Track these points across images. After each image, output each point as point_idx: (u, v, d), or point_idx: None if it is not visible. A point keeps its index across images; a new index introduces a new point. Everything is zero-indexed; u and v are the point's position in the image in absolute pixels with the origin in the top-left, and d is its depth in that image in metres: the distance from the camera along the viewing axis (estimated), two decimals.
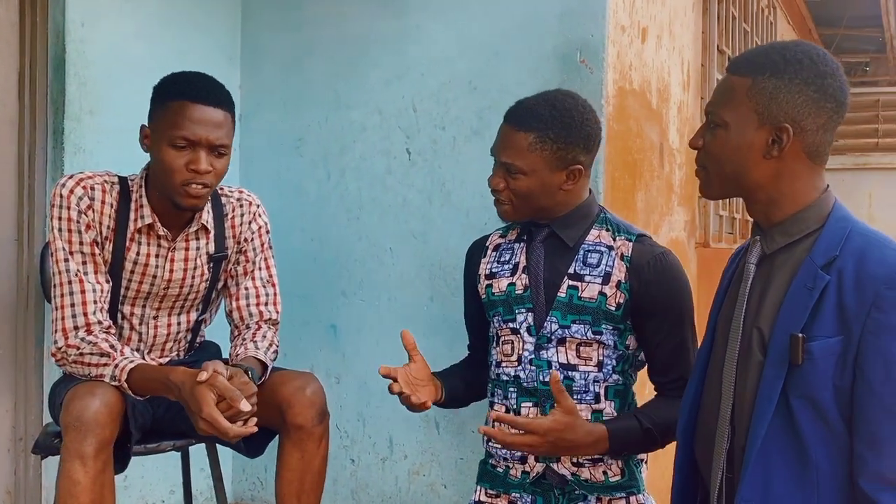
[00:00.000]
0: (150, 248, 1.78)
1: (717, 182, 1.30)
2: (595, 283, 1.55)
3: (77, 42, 2.40)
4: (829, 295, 1.17)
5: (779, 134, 1.22)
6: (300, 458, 1.74)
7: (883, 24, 6.26)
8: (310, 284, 2.82)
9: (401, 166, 2.69)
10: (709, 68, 3.32)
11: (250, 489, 3.01)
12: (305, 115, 2.86)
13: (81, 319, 1.68)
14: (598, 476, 1.56)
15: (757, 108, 1.23)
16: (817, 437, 1.16)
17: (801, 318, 1.18)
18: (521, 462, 1.59)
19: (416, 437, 2.67)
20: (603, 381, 1.56)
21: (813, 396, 1.16)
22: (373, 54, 2.72)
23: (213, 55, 2.85)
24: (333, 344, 2.82)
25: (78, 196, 1.71)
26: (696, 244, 3.24)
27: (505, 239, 1.70)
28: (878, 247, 1.17)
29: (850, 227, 1.21)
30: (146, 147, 1.74)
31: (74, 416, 1.55)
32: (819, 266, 1.19)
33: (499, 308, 1.63)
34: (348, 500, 2.80)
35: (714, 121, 1.27)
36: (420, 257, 2.67)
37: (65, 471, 1.55)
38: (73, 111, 2.41)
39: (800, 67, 1.22)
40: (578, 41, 2.35)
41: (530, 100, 1.60)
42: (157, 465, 2.64)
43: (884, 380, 1.12)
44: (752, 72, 1.24)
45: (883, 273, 1.13)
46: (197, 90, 1.68)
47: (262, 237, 1.91)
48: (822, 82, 1.22)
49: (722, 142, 1.26)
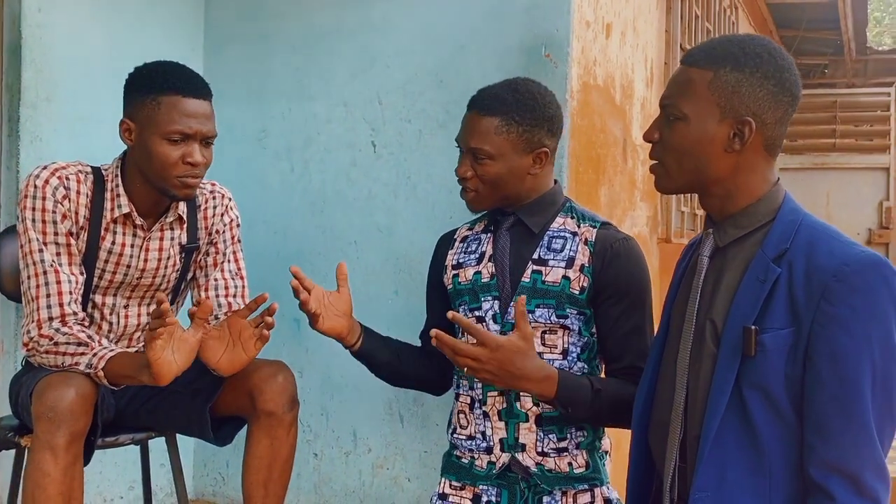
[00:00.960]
0: (125, 238, 1.78)
1: (676, 176, 1.28)
2: (559, 267, 1.56)
3: (33, 27, 2.34)
4: (780, 287, 1.18)
5: (741, 127, 1.23)
6: (269, 445, 1.73)
7: (841, 27, 6.41)
8: (273, 278, 2.77)
9: (366, 159, 2.67)
10: (672, 66, 3.36)
11: (211, 484, 2.98)
12: (269, 106, 2.83)
13: (56, 310, 1.67)
14: (562, 467, 1.56)
15: (719, 102, 1.22)
16: (769, 427, 1.18)
17: (754, 310, 1.19)
18: (487, 452, 1.58)
19: (380, 431, 2.67)
20: (567, 370, 1.56)
21: (765, 387, 1.18)
22: (338, 46, 2.70)
23: (175, 44, 2.80)
24: (296, 338, 2.79)
25: (53, 186, 1.70)
26: (658, 239, 3.28)
27: (472, 231, 1.71)
28: (827, 239, 1.19)
29: (800, 219, 1.23)
30: (129, 140, 1.73)
31: (48, 406, 1.53)
32: (770, 258, 1.20)
33: (465, 297, 1.63)
34: (311, 494, 2.79)
35: (673, 113, 1.26)
36: (385, 251, 2.66)
37: (34, 461, 1.53)
38: (29, 98, 2.35)
39: (760, 61, 1.23)
40: (544, 35, 2.37)
41: (493, 86, 1.63)
42: (115, 460, 2.59)
43: (831, 370, 1.14)
44: (712, 64, 1.23)
45: (831, 265, 1.15)
46: (186, 84, 1.70)
47: (233, 230, 1.94)
48: (780, 76, 1.23)
49: (681, 135, 1.25)
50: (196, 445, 2.96)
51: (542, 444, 1.55)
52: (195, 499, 2.98)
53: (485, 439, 1.58)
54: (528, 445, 1.55)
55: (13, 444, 1.77)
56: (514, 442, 1.56)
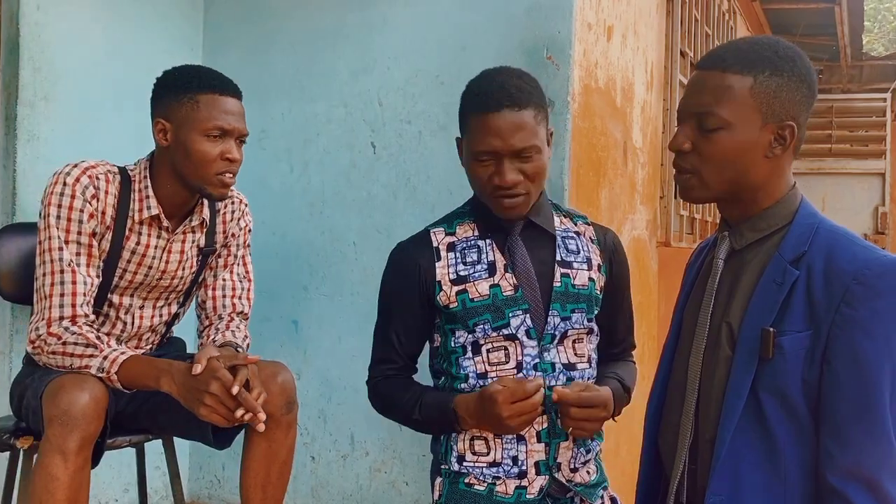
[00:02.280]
0: (150, 239, 1.79)
1: (714, 185, 1.24)
2: (583, 269, 1.52)
3: (32, 25, 2.32)
4: (799, 290, 1.17)
5: (781, 132, 1.21)
6: (267, 447, 1.73)
7: (837, 33, 6.43)
8: (272, 279, 2.78)
9: (365, 160, 2.66)
10: (671, 70, 3.36)
11: (207, 487, 2.96)
12: (269, 107, 2.82)
13: (69, 310, 1.65)
14: (585, 478, 1.51)
15: (760, 107, 1.20)
16: (785, 430, 1.17)
17: (771, 313, 1.18)
18: (519, 478, 1.43)
19: (378, 435, 2.65)
20: (592, 379, 1.52)
21: (782, 390, 1.17)
22: (338, 46, 2.69)
23: (174, 44, 2.78)
24: (295, 340, 2.78)
25: (84, 185, 1.69)
26: (658, 243, 3.27)
27: (456, 237, 1.52)
28: (847, 243, 1.19)
29: (817, 223, 1.22)
30: (164, 141, 1.73)
31: (62, 410, 1.51)
32: (788, 261, 1.19)
33: (484, 315, 1.45)
34: (308, 498, 2.77)
35: (712, 122, 1.21)
36: (384, 252, 2.61)
37: (43, 465, 1.51)
38: (26, 97, 2.33)
39: (794, 65, 1.22)
40: (545, 37, 2.36)
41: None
42: (110, 463, 2.57)
43: (851, 374, 1.13)
44: (750, 69, 1.21)
45: (852, 268, 1.14)
46: (222, 83, 1.74)
47: (245, 235, 1.97)
48: (811, 79, 1.23)
49: (724, 144, 1.21)
50: (192, 449, 2.94)
51: (574, 460, 1.48)
52: (191, 502, 2.95)
53: (516, 464, 1.45)
54: (563, 464, 1.47)
55: (8, 446, 1.74)
56: (553, 461, 1.46)
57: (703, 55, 1.31)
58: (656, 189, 3.27)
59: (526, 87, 1.47)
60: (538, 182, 1.45)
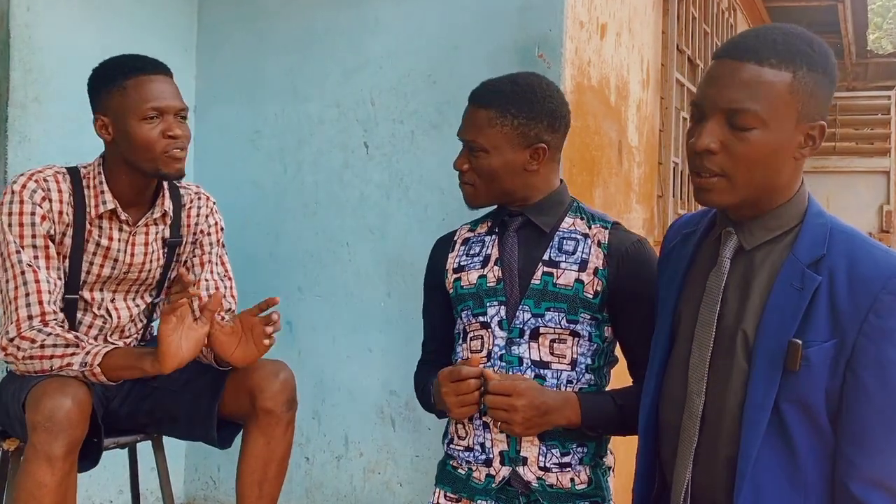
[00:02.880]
0: (112, 233, 1.79)
1: (743, 188, 1.15)
2: (571, 270, 1.50)
3: (22, 27, 2.33)
4: (821, 297, 1.12)
5: (813, 132, 1.14)
6: (266, 444, 1.74)
7: (840, 30, 6.40)
8: (265, 280, 2.78)
9: (358, 160, 2.66)
10: (669, 68, 3.34)
11: (203, 488, 2.96)
12: (262, 107, 2.82)
13: (36, 308, 1.65)
14: (564, 483, 1.49)
15: (798, 106, 1.11)
16: (807, 440, 1.14)
17: (794, 321, 1.13)
18: (486, 465, 1.51)
19: (372, 435, 2.64)
20: (576, 382, 1.50)
21: (805, 401, 1.13)
22: (330, 47, 2.69)
23: (167, 45, 2.78)
24: (289, 341, 2.77)
25: (31, 190, 1.70)
26: (655, 242, 3.25)
27: (474, 233, 1.64)
28: (867, 248, 1.13)
29: (829, 223, 1.17)
30: (107, 135, 1.75)
31: (46, 416, 1.51)
32: (805, 265, 1.14)
33: (468, 302, 1.56)
34: (303, 499, 2.76)
35: (747, 122, 1.11)
36: (377, 253, 2.64)
37: (29, 472, 1.51)
38: (17, 98, 2.33)
39: (828, 61, 1.14)
40: (537, 36, 2.35)
41: (494, 79, 1.59)
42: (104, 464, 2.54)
43: (879, 384, 1.09)
44: (788, 64, 1.12)
45: (879, 276, 1.09)
46: (146, 64, 1.74)
47: (217, 233, 1.96)
48: (835, 76, 1.17)
49: (758, 144, 1.11)
50: (188, 450, 2.94)
51: (544, 458, 1.48)
52: (187, 502, 2.96)
53: (484, 451, 1.51)
54: (530, 459, 1.48)
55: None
56: (516, 455, 1.49)
57: (727, 43, 1.19)
58: (654, 188, 3.25)
59: (505, 91, 1.54)
60: (484, 179, 1.54)
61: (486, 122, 1.51)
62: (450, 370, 1.46)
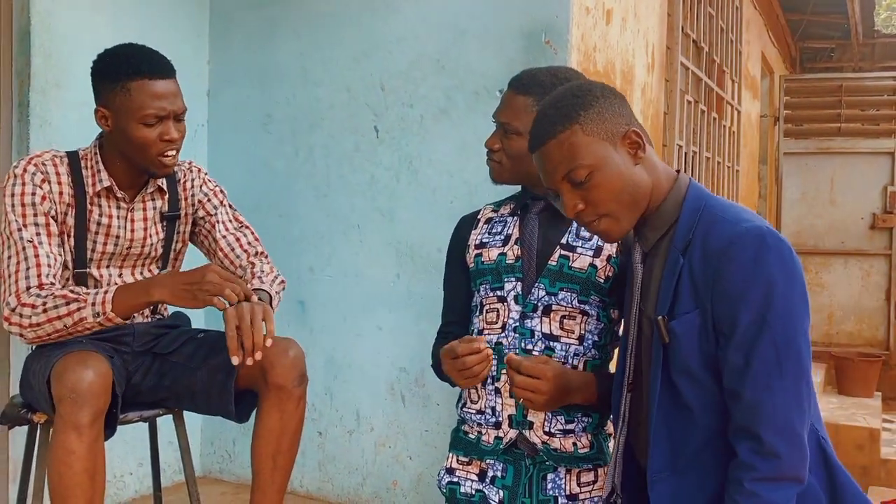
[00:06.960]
0: (111, 210, 1.85)
1: (625, 216, 1.34)
2: (587, 255, 1.61)
3: (42, 14, 2.38)
4: (684, 275, 1.28)
5: (629, 140, 1.32)
6: (279, 418, 1.80)
7: (847, 11, 6.38)
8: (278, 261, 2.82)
9: (368, 144, 2.71)
10: (674, 51, 3.37)
11: (218, 462, 3.05)
12: (274, 91, 2.87)
13: (35, 280, 1.71)
14: (567, 447, 1.59)
15: (601, 136, 1.31)
16: (698, 401, 1.29)
17: (666, 300, 1.30)
18: (495, 428, 1.62)
19: (383, 410, 2.72)
20: (582, 356, 1.60)
21: (686, 368, 1.28)
22: (341, 32, 2.74)
23: (181, 30, 2.83)
24: (301, 320, 2.85)
25: (31, 172, 1.77)
26: None
27: (497, 213, 1.73)
28: (717, 221, 1.27)
29: (703, 205, 1.31)
30: (106, 126, 1.79)
31: (70, 388, 1.58)
32: (680, 251, 1.30)
33: (487, 276, 1.66)
34: (315, 471, 2.85)
35: (580, 177, 1.31)
36: (387, 235, 2.70)
37: (59, 441, 1.58)
38: (38, 84, 2.39)
39: (593, 91, 1.35)
40: (544, 22, 2.39)
41: (536, 69, 1.68)
42: (124, 438, 2.66)
43: (733, 341, 1.23)
44: (568, 122, 1.31)
45: (720, 246, 1.24)
46: (150, 66, 1.75)
47: (217, 196, 2.01)
48: (609, 87, 1.38)
49: (603, 183, 1.32)
50: (203, 424, 3.03)
51: (549, 423, 1.59)
52: (202, 476, 3.05)
53: (494, 414, 1.61)
54: (536, 424, 1.59)
55: (26, 420, 1.82)
56: (523, 419, 1.59)
57: (531, 129, 1.38)
58: None
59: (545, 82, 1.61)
60: (513, 160, 1.63)
61: (524, 108, 1.60)
62: (449, 347, 1.56)
